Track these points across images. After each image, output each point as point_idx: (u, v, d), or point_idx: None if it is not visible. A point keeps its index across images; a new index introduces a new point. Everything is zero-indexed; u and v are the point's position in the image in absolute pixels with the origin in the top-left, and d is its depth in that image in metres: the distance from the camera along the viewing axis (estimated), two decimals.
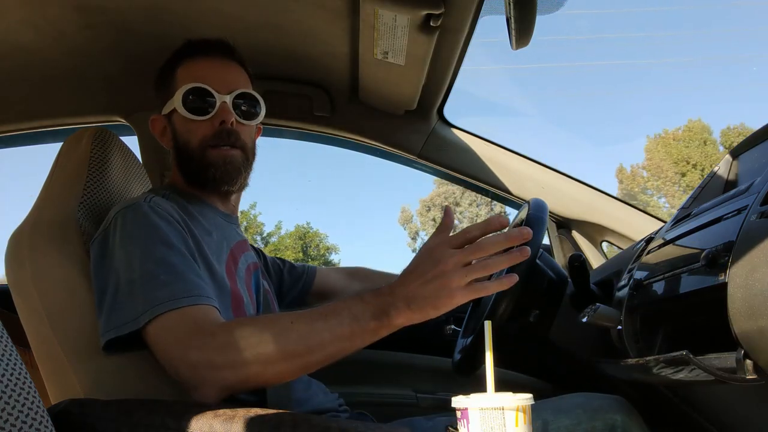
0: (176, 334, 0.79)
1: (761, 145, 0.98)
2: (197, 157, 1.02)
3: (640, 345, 0.93)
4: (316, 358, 0.78)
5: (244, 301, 0.97)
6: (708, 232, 0.82)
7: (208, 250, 0.95)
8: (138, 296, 0.81)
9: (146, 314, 0.80)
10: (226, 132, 1.01)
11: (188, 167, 1.04)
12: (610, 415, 0.93)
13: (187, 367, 0.78)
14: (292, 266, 1.33)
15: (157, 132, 1.10)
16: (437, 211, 23.71)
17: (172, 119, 1.06)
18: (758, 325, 0.62)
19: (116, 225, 0.89)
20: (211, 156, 1.01)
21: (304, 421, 0.68)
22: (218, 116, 1.01)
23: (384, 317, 0.77)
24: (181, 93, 1.01)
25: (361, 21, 1.13)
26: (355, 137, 1.63)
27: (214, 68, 1.04)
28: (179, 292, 0.81)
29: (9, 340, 0.59)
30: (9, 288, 0.94)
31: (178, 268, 0.84)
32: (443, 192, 23.79)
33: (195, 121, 1.01)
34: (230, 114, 1.01)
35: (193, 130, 1.02)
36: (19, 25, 1.16)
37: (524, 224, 1.12)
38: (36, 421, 0.56)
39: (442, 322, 1.60)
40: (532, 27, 0.94)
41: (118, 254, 0.86)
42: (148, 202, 0.91)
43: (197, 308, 0.81)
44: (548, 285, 1.17)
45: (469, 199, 23.80)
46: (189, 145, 1.03)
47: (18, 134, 1.56)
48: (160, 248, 0.86)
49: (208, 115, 1.01)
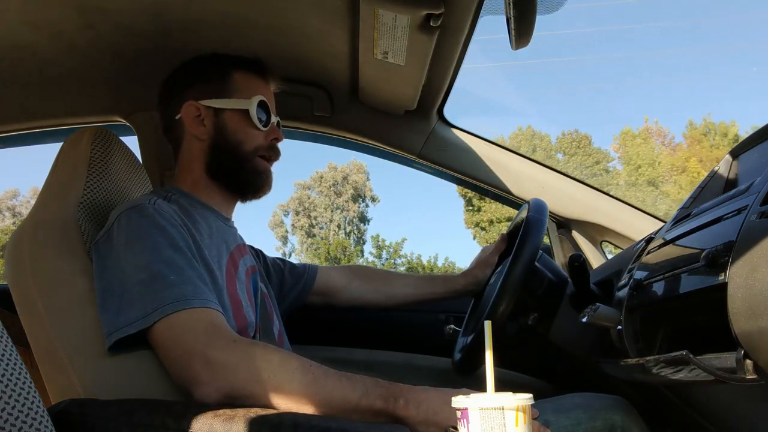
0: (195, 332, 0.80)
1: (761, 145, 0.98)
2: (246, 161, 1.08)
3: (640, 345, 0.93)
4: (315, 409, 0.79)
5: (243, 305, 0.97)
6: (708, 232, 0.82)
7: (208, 253, 0.95)
8: (147, 296, 0.82)
9: (156, 312, 0.80)
10: (275, 148, 1.13)
11: (226, 163, 1.08)
12: (610, 415, 0.93)
13: (201, 362, 0.78)
14: (293, 266, 1.33)
15: (190, 117, 1.09)
16: (294, 216, 24.35)
17: (222, 115, 1.08)
18: (758, 325, 0.62)
19: (121, 226, 0.90)
20: (260, 164, 1.10)
21: (304, 421, 0.68)
22: (273, 132, 1.12)
23: (391, 402, 0.80)
24: (257, 101, 1.09)
25: (361, 21, 1.13)
26: (355, 137, 1.64)
27: (269, 91, 1.16)
28: (188, 294, 0.83)
29: (9, 340, 0.59)
30: (9, 288, 0.94)
31: (185, 271, 0.85)
32: (298, 197, 24.55)
33: (257, 128, 1.09)
34: (281, 134, 1.13)
35: (250, 134, 1.09)
36: (19, 25, 1.16)
37: (524, 225, 1.13)
38: (36, 421, 0.56)
39: (442, 322, 1.61)
40: (532, 27, 0.94)
41: (124, 255, 0.87)
42: (152, 205, 0.92)
43: (208, 311, 0.83)
44: (547, 287, 1.18)
45: (324, 204, 24.42)
46: (242, 146, 1.08)
47: (18, 134, 1.56)
48: (167, 250, 0.86)
49: (267, 128, 1.11)
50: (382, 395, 0.80)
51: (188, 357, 0.80)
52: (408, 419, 0.79)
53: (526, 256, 1.06)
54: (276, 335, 1.10)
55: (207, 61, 1.13)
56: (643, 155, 19.39)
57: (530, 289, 1.15)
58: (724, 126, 19.40)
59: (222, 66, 1.12)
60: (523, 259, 1.06)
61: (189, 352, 0.80)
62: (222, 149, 1.08)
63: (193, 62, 1.13)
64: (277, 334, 1.11)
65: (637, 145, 19.77)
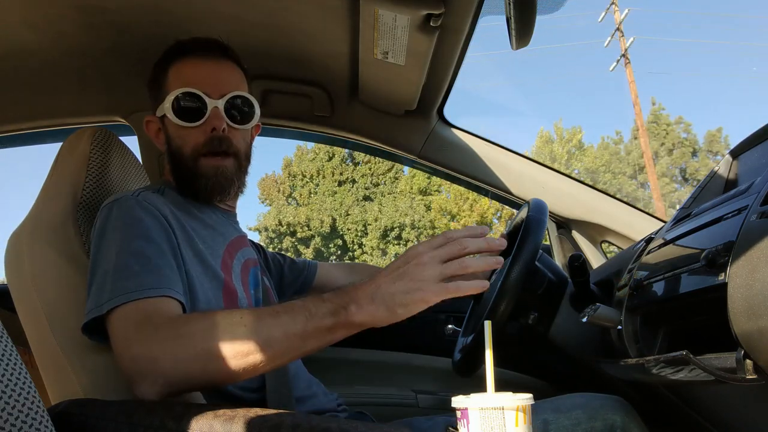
0: (125, 326, 0.77)
1: (761, 145, 0.98)
2: (189, 166, 1.00)
3: (640, 345, 0.93)
4: (262, 357, 0.73)
5: (239, 296, 0.97)
6: (708, 232, 0.82)
7: (201, 244, 0.94)
8: (108, 285, 0.80)
9: (111, 301, 0.78)
10: (217, 139, 0.98)
11: (180, 174, 1.02)
12: (610, 415, 0.93)
13: (128, 360, 0.75)
14: (293, 262, 1.33)
15: (152, 133, 1.08)
16: None
17: (164, 123, 1.04)
18: (758, 325, 0.62)
19: (101, 219, 0.90)
20: (203, 166, 0.99)
21: (304, 421, 0.68)
22: (209, 123, 0.98)
23: (342, 313, 0.73)
24: (171, 98, 0.98)
25: (361, 21, 1.13)
26: (355, 137, 1.64)
27: (206, 69, 1.01)
28: (147, 284, 0.80)
29: (9, 340, 0.59)
30: (9, 288, 0.94)
31: (152, 261, 0.83)
32: None
33: (186, 127, 0.99)
34: (221, 120, 0.98)
35: (184, 136, 1.00)
36: (19, 25, 1.16)
37: (524, 225, 1.13)
38: (36, 421, 0.56)
39: (442, 322, 1.61)
40: (532, 27, 0.94)
41: (100, 246, 0.87)
42: (135, 197, 0.91)
43: (158, 300, 0.79)
44: (547, 286, 1.18)
45: None
46: (181, 151, 1.00)
47: (18, 134, 1.56)
48: (138, 241, 0.85)
49: (198, 122, 0.98)
50: (330, 310, 0.73)
51: (119, 356, 0.76)
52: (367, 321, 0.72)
53: (526, 256, 1.06)
54: None
55: (154, 68, 1.05)
56: None
57: (530, 289, 1.15)
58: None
59: (161, 67, 1.03)
60: (523, 259, 1.06)
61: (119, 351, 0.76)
62: (174, 159, 1.02)
63: (151, 72, 1.06)
64: None
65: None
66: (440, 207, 18.43)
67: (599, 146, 19.61)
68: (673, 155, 18.20)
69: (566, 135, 19.61)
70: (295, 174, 19.50)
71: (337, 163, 19.28)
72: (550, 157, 18.57)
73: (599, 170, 18.50)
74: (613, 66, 17.47)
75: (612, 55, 28.61)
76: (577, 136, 19.53)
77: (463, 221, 17.60)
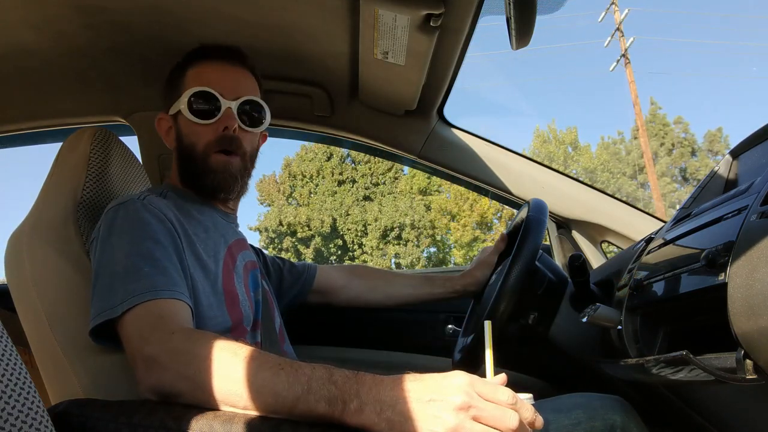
0: (140, 327, 0.77)
1: (761, 145, 0.98)
2: (200, 162, 1.03)
3: (640, 345, 0.92)
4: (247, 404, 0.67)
5: (240, 299, 0.97)
6: (708, 232, 0.82)
7: (202, 248, 0.95)
8: (119, 287, 0.81)
9: (124, 303, 0.79)
10: (228, 138, 1.03)
11: (189, 170, 1.05)
12: (610, 415, 0.93)
13: (140, 360, 0.75)
14: (293, 265, 1.33)
15: (163, 131, 1.11)
16: None
17: (177, 120, 1.07)
18: (758, 325, 0.62)
19: (106, 221, 0.91)
20: (213, 162, 1.03)
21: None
22: (222, 121, 1.02)
23: (338, 407, 0.63)
24: (188, 95, 1.02)
25: (361, 21, 1.13)
26: (355, 137, 1.64)
27: (224, 73, 1.06)
28: (159, 285, 0.81)
29: (9, 340, 0.59)
30: (9, 288, 0.94)
31: (161, 263, 0.84)
32: None
33: (199, 124, 1.03)
34: (234, 120, 1.02)
35: (197, 133, 1.04)
36: (19, 25, 1.16)
37: (524, 225, 1.13)
38: (36, 421, 0.56)
39: (442, 322, 1.61)
40: (532, 27, 0.94)
41: (106, 248, 0.87)
42: (141, 200, 0.92)
43: (169, 302, 0.80)
44: (547, 286, 1.18)
45: None
46: (193, 148, 1.04)
47: (18, 134, 1.56)
48: (147, 243, 0.86)
49: (212, 120, 1.02)
50: (329, 396, 0.64)
51: (132, 354, 0.77)
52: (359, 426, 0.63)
53: (526, 256, 1.06)
54: (277, 332, 1.11)
55: (173, 68, 1.11)
56: None
57: (530, 289, 1.15)
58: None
59: (180, 68, 1.08)
60: (523, 259, 1.06)
61: (133, 349, 0.77)
62: (184, 156, 1.06)
63: (170, 71, 1.11)
64: (278, 331, 1.12)
65: None
66: (440, 207, 18.43)
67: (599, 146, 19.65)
68: (673, 155, 18.22)
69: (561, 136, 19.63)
70: (295, 174, 19.51)
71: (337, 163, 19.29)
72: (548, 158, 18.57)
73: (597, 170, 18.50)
74: (613, 66, 17.49)
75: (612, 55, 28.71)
76: (572, 136, 19.53)
77: (463, 221, 17.61)
